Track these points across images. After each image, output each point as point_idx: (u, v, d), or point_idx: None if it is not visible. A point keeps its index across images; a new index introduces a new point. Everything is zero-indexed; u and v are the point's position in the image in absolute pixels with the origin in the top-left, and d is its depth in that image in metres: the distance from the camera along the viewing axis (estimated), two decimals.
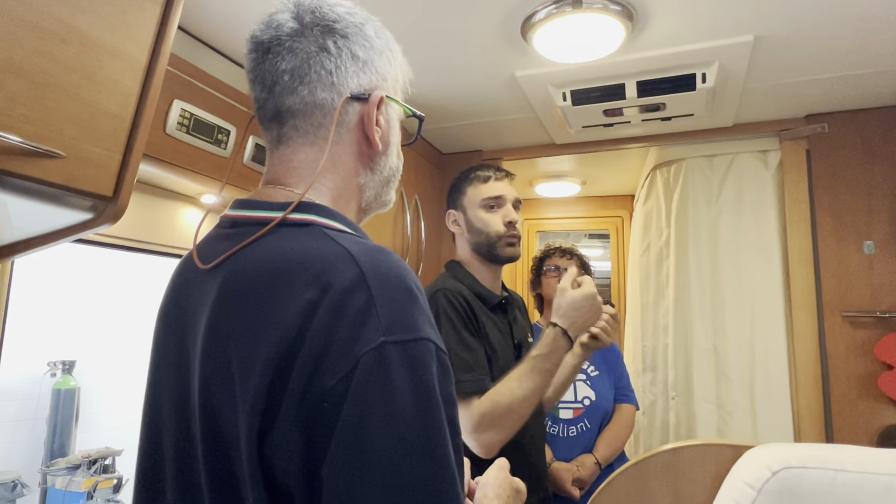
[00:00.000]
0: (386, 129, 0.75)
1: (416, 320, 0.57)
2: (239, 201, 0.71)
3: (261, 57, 0.71)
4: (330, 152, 0.71)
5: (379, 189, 0.77)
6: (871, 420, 1.73)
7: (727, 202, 2.08)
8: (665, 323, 2.17)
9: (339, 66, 0.70)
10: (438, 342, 0.58)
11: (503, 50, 1.51)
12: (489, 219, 1.49)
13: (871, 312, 1.75)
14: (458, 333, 1.32)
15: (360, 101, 0.72)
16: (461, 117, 2.01)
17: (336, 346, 0.53)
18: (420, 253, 2.08)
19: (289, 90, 0.70)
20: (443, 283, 1.45)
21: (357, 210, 0.76)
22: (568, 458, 1.93)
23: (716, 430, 1.97)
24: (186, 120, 1.39)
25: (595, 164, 2.60)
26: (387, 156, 0.76)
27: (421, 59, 1.57)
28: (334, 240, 0.61)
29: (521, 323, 1.61)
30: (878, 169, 1.83)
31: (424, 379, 0.54)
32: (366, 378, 0.52)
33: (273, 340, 0.54)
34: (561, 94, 1.74)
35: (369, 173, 0.74)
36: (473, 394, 1.26)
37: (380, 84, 0.74)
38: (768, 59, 1.55)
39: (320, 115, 0.70)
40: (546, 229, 3.22)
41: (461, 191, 1.56)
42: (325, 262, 0.58)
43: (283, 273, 0.58)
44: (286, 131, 0.71)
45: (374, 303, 0.55)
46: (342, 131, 0.72)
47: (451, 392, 0.58)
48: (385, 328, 0.54)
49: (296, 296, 0.56)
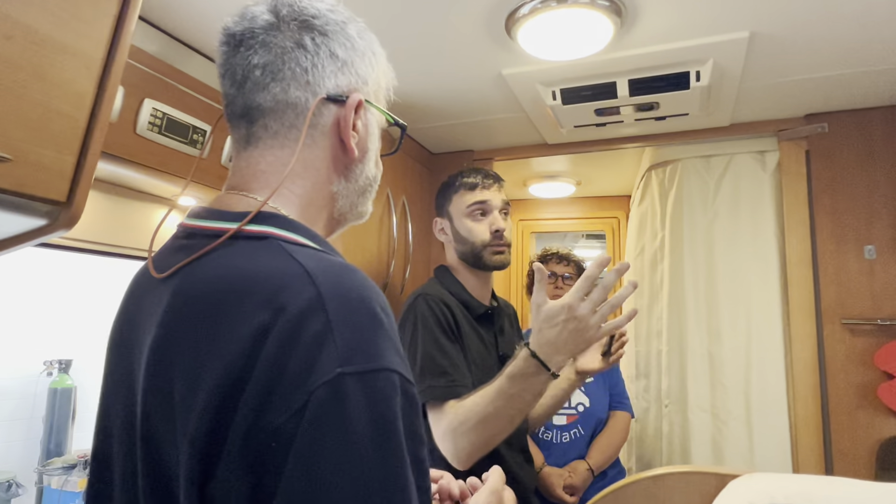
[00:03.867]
0: (364, 135, 0.69)
1: (380, 348, 0.51)
2: (196, 209, 0.66)
3: (232, 50, 0.66)
4: (301, 156, 0.66)
5: (354, 199, 0.72)
6: (870, 431, 1.67)
7: (723, 204, 2.02)
8: (659, 328, 2.11)
9: (315, 65, 0.65)
10: (405, 372, 0.53)
11: (488, 47, 1.45)
12: (475, 227, 1.45)
13: (871, 320, 1.69)
14: (433, 337, 1.27)
15: (336, 103, 0.67)
16: (450, 117, 1.96)
17: (287, 378, 0.47)
18: (407, 257, 2.02)
19: (260, 87, 0.65)
20: (425, 288, 1.41)
21: (329, 220, 0.71)
22: (560, 464, 1.90)
23: (710, 439, 1.91)
24: (158, 120, 1.34)
25: (589, 164, 2.54)
26: (363, 163, 0.71)
27: (405, 57, 1.51)
28: (292, 255, 0.55)
29: (510, 334, 1.56)
30: (880, 171, 1.77)
31: (386, 415, 0.49)
32: (319, 414, 0.46)
33: (217, 371, 0.49)
34: (550, 92, 1.68)
35: (344, 181, 0.69)
36: (446, 399, 1.20)
37: (360, 87, 0.69)
38: (765, 56, 1.49)
39: (292, 115, 0.65)
40: (541, 230, 3.17)
41: (447, 198, 1.52)
42: (279, 281, 0.52)
43: (232, 294, 0.53)
44: (255, 131, 0.66)
45: (332, 328, 0.49)
46: (315, 134, 0.67)
47: (418, 428, 0.53)
48: (343, 357, 0.48)
49: (244, 320, 0.50)
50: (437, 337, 1.28)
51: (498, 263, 1.45)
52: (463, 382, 1.24)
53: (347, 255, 1.69)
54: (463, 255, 1.47)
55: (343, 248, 1.68)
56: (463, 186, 1.48)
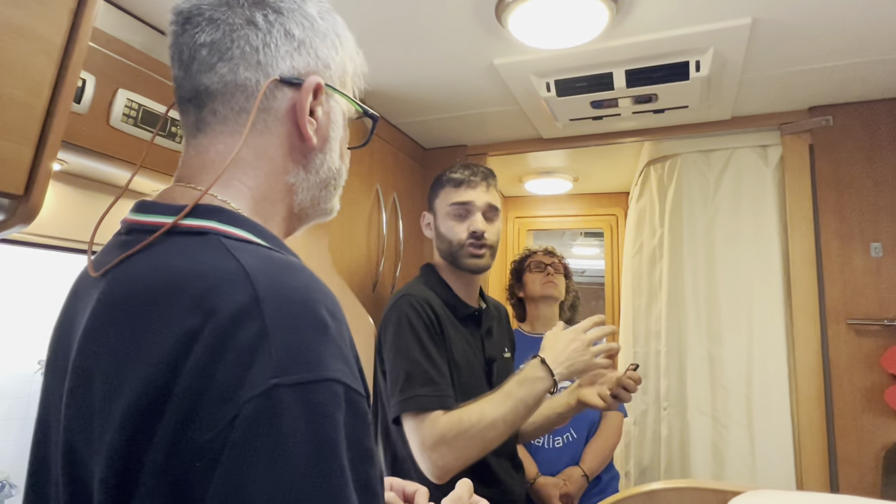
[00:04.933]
0: (324, 122, 0.64)
1: (322, 356, 0.46)
2: (140, 203, 0.61)
3: (180, 29, 0.61)
4: (253, 144, 0.61)
5: (315, 192, 0.66)
6: (876, 436, 1.61)
7: (724, 200, 1.95)
8: (657, 328, 2.05)
9: (267, 44, 0.60)
10: (352, 382, 0.47)
11: (478, 35, 1.39)
12: (454, 227, 1.40)
13: (878, 320, 1.63)
14: (420, 342, 1.22)
15: (292, 86, 0.61)
16: (441, 110, 1.89)
17: (215, 390, 0.43)
18: (398, 255, 1.96)
19: (207, 67, 0.60)
20: (409, 288, 1.35)
21: (287, 215, 0.65)
22: (553, 471, 1.84)
23: (710, 443, 1.85)
24: (133, 111, 1.28)
25: (587, 159, 2.47)
26: (324, 153, 0.65)
27: (390, 46, 1.45)
28: (231, 253, 0.50)
29: (497, 336, 1.50)
30: (886, 165, 1.70)
31: (326, 432, 0.44)
32: (248, 431, 0.41)
33: (138, 381, 0.44)
34: (544, 84, 1.62)
35: (302, 172, 0.64)
36: (433, 409, 1.16)
37: (320, 70, 0.64)
38: (768, 45, 1.43)
39: (242, 98, 0.60)
40: (538, 228, 3.10)
41: (436, 193, 1.48)
42: (212, 281, 0.47)
43: (160, 295, 0.48)
44: (204, 116, 0.61)
45: (268, 334, 0.44)
46: (269, 119, 0.61)
47: (367, 445, 0.48)
48: (278, 367, 0.43)
49: (171, 325, 0.45)
50: (424, 342, 1.23)
51: (472, 267, 1.39)
52: (448, 392, 1.20)
53: (334, 254, 1.63)
54: (442, 253, 1.44)
55: (330, 246, 1.62)
56: (449, 182, 1.44)
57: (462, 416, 1.15)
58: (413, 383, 1.18)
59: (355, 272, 1.74)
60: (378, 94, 1.76)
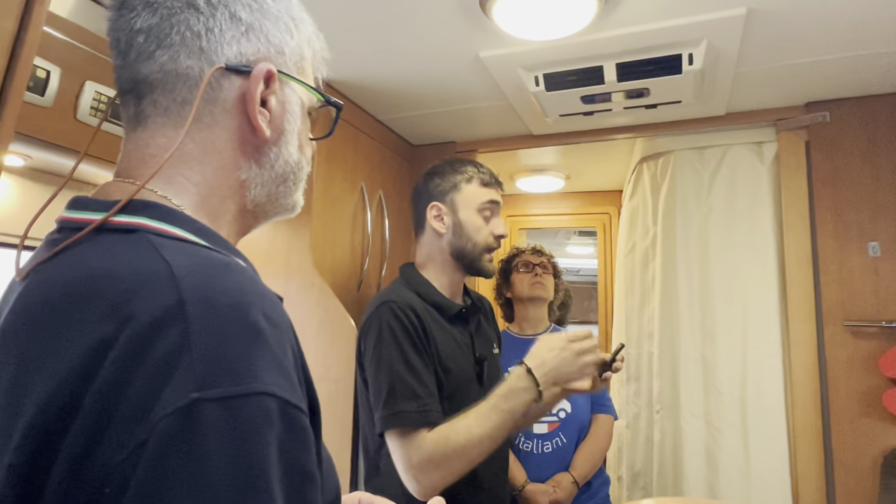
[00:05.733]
0: (279, 113, 0.60)
1: (254, 366, 0.41)
2: (74, 199, 0.56)
3: (115, 14, 0.56)
4: (200, 137, 0.56)
5: (272, 188, 0.62)
6: (874, 441, 1.56)
7: (718, 198, 1.90)
8: (650, 329, 2.00)
9: (210, 28, 0.56)
10: (289, 396, 0.42)
11: (463, 26, 1.34)
12: (482, 227, 1.34)
13: (875, 322, 1.58)
14: (403, 354, 1.17)
15: (240, 74, 0.57)
16: (428, 105, 1.84)
17: (127, 406, 0.38)
18: (384, 255, 1.91)
19: (145, 55, 0.55)
20: (390, 293, 1.28)
21: (239, 212, 0.61)
22: (543, 477, 1.79)
23: (704, 448, 1.80)
24: (102, 104, 1.23)
25: (579, 156, 2.42)
26: (279, 146, 0.61)
27: (372, 38, 1.40)
28: (158, 252, 0.46)
29: (486, 333, 1.44)
30: (885, 163, 1.66)
31: (252, 453, 0.39)
32: (163, 452, 0.37)
33: (42, 396, 0.40)
34: (533, 78, 1.57)
35: (255, 167, 0.60)
36: (419, 426, 1.11)
37: (271, 56, 0.59)
38: (763, 37, 1.38)
39: (185, 88, 0.56)
40: (530, 226, 3.05)
41: (455, 185, 1.36)
42: (132, 283, 0.43)
43: (75, 300, 0.43)
44: (144, 108, 0.57)
45: (190, 342, 0.40)
46: (216, 111, 0.57)
47: (306, 466, 0.43)
48: (201, 379, 0.39)
49: (84, 333, 0.41)
50: (407, 353, 1.17)
51: (490, 271, 1.38)
52: (434, 407, 1.15)
53: (316, 253, 1.57)
54: (458, 251, 1.34)
55: (311, 246, 1.57)
56: (478, 179, 1.36)
57: (449, 434, 1.10)
58: (396, 398, 1.14)
59: (338, 272, 1.69)
60: (362, 88, 1.70)
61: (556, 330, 2.03)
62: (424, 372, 1.17)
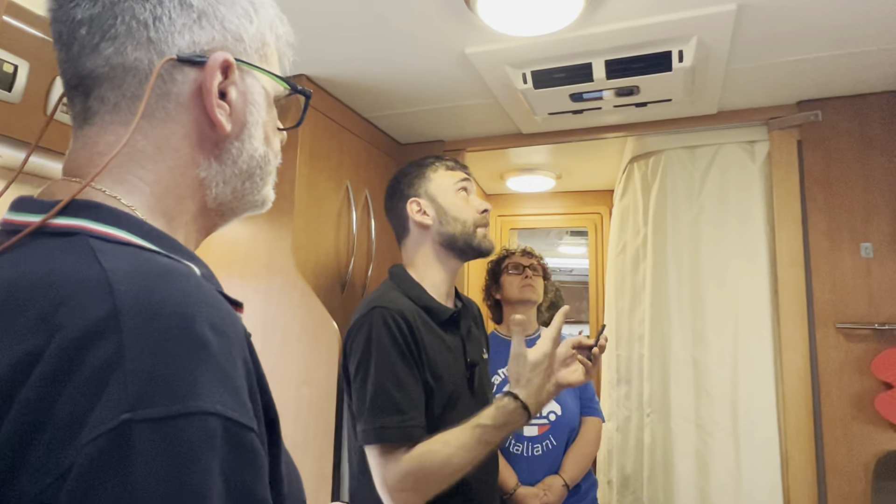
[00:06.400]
0: (240, 105, 0.56)
1: (195, 383, 0.38)
2: (17, 199, 0.53)
3: (55, 4, 0.53)
4: (153, 134, 0.53)
5: (237, 184, 0.59)
6: (867, 445, 1.54)
7: (710, 198, 1.87)
8: (641, 331, 1.97)
9: (158, 17, 0.52)
10: (237, 415, 0.39)
11: (448, 22, 1.30)
12: (464, 205, 1.34)
13: (868, 324, 1.56)
14: (390, 364, 1.13)
15: (194, 65, 0.53)
16: (414, 103, 1.80)
17: (52, 429, 0.35)
18: (370, 255, 1.87)
19: (89, 48, 0.52)
20: (381, 297, 1.24)
21: (199, 212, 0.57)
22: (533, 480, 1.77)
23: (694, 452, 1.77)
24: None
25: (569, 156, 2.39)
26: (242, 140, 0.57)
27: (357, 36, 1.36)
28: (96, 257, 0.42)
29: (476, 337, 1.41)
30: (878, 162, 1.63)
31: (193, 481, 0.35)
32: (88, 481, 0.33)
33: None
34: (521, 75, 1.53)
35: (215, 164, 0.56)
36: (400, 443, 1.08)
37: (229, 45, 0.56)
38: (754, 33, 1.35)
39: (134, 82, 0.52)
40: (521, 226, 3.02)
41: (424, 177, 1.37)
42: (63, 292, 0.39)
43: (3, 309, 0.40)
44: (91, 105, 0.53)
45: (124, 356, 0.36)
46: (169, 106, 0.54)
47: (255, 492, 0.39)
48: (134, 398, 0.35)
49: (10, 346, 0.37)
50: (394, 363, 1.13)
51: (490, 247, 1.36)
52: (417, 422, 1.12)
53: (298, 254, 1.53)
54: (450, 238, 1.32)
55: (293, 247, 1.53)
56: (442, 165, 1.38)
57: (427, 458, 1.07)
58: (379, 412, 1.10)
59: (321, 274, 1.65)
60: (346, 85, 1.67)
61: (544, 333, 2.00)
62: (411, 384, 1.14)
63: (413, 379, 1.14)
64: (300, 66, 1.55)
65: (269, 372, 1.63)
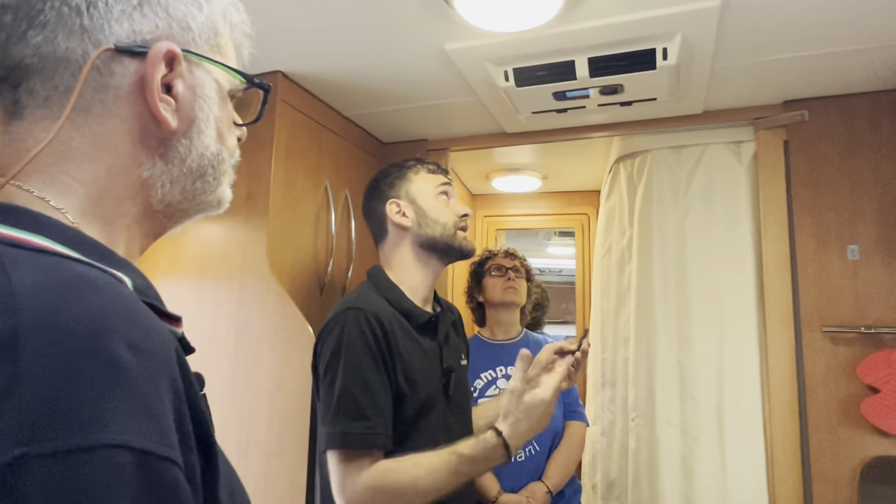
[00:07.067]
0: (188, 99, 0.52)
1: (103, 411, 0.33)
2: None
3: None
4: (90, 131, 0.49)
5: (186, 185, 0.54)
6: (853, 450, 1.51)
7: (696, 199, 1.84)
8: (626, 334, 1.94)
9: (93, 2, 0.48)
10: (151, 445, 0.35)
11: (426, 17, 1.26)
12: (445, 208, 1.31)
13: (854, 328, 1.53)
14: (359, 369, 1.09)
15: (135, 56, 0.49)
16: (396, 101, 1.76)
17: None
18: (350, 256, 1.83)
19: (16, 37, 0.47)
20: (357, 298, 1.20)
21: (142, 214, 0.53)
22: (516, 486, 1.74)
23: (679, 457, 1.74)
24: None
25: (555, 156, 2.36)
26: (190, 138, 0.53)
27: (335, 32, 1.32)
28: (4, 267, 0.38)
29: (455, 343, 1.37)
30: (864, 163, 1.61)
31: None
32: None
33: None
34: (502, 73, 1.49)
35: (160, 162, 0.52)
36: (362, 450, 1.04)
37: (175, 34, 0.51)
38: (740, 31, 1.32)
39: (66, 74, 0.48)
40: (507, 227, 2.99)
41: (404, 178, 1.33)
42: None
43: None
44: (20, 98, 0.49)
45: (19, 382, 0.32)
46: (107, 100, 0.49)
47: None
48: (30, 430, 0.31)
49: None
50: (363, 368, 1.09)
51: (472, 249, 1.33)
52: (382, 430, 1.07)
53: (273, 257, 1.49)
54: (429, 240, 1.28)
55: (268, 248, 1.48)
56: (424, 168, 1.35)
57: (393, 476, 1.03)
58: (343, 416, 1.06)
59: (298, 276, 1.61)
60: (324, 83, 1.62)
61: (528, 335, 1.97)
62: (379, 390, 1.09)
63: (382, 385, 1.10)
64: (274, 61, 1.50)
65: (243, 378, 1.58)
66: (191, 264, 1.57)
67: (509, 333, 1.93)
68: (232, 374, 1.47)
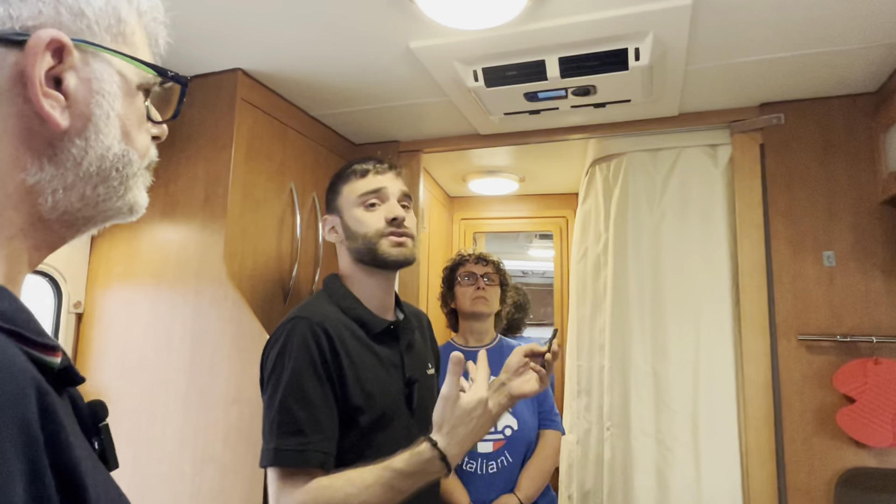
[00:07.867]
0: (83, 94, 0.46)
1: None
2: None
3: None
4: None
5: (86, 190, 0.48)
6: (829, 461, 1.48)
7: (671, 203, 1.80)
8: (601, 341, 1.90)
9: None
10: None
11: (388, 13, 1.21)
12: (366, 217, 1.19)
13: (830, 336, 1.50)
14: (298, 381, 1.03)
15: (13, 46, 0.43)
16: (365, 101, 1.70)
17: None
18: (317, 262, 1.77)
19: None
20: (306, 307, 1.14)
21: (30, 225, 0.47)
22: (487, 499, 1.68)
23: (654, 468, 1.70)
24: None
25: (532, 158, 2.31)
26: (85, 138, 0.47)
27: (297, 29, 1.26)
28: None
29: (419, 351, 1.30)
30: (840, 168, 1.58)
31: None
32: None
33: None
34: (471, 72, 1.45)
35: (49, 166, 0.46)
36: (297, 468, 0.98)
37: (64, 21, 0.45)
38: (713, 31, 1.28)
39: None
40: (485, 230, 2.94)
41: (336, 191, 1.25)
42: None
43: None
44: None
45: None
46: None
47: None
48: None
49: None
50: (303, 381, 1.03)
51: (399, 256, 1.19)
52: (320, 447, 1.01)
53: (232, 262, 1.42)
54: (358, 253, 1.20)
55: (225, 254, 1.41)
56: (354, 175, 1.23)
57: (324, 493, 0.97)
58: (278, 432, 1.01)
59: (259, 282, 1.54)
60: (289, 81, 1.56)
61: (503, 341, 1.92)
62: (321, 406, 1.03)
63: (324, 399, 1.04)
64: (233, 58, 1.44)
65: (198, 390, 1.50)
66: (146, 270, 1.50)
67: (483, 340, 1.87)
68: (187, 387, 1.41)
